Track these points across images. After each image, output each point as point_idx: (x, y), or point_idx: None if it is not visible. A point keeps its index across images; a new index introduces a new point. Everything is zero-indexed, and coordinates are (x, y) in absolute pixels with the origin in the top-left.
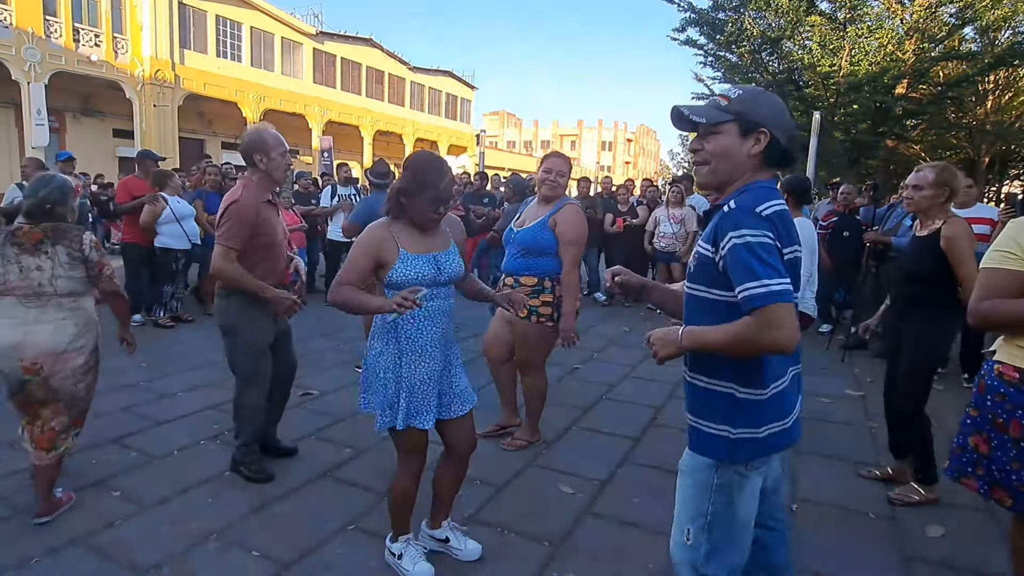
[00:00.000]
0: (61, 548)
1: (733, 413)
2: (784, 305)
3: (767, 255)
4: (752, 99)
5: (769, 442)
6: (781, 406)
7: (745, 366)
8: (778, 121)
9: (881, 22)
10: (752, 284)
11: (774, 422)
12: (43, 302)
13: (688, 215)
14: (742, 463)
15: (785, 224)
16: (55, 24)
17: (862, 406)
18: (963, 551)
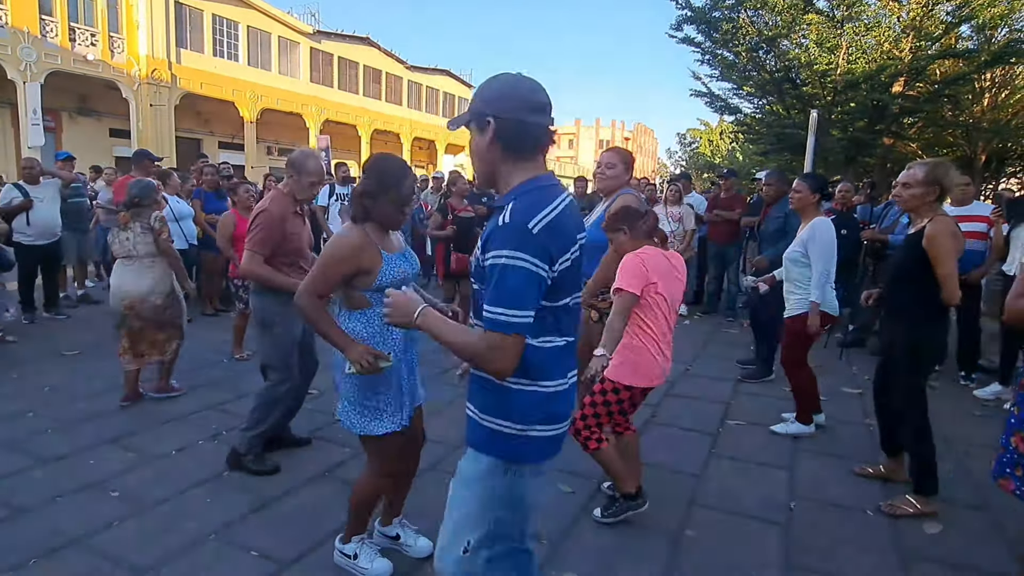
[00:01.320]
0: (60, 548)
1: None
2: (512, 337)
3: (523, 284)
4: (479, 91)
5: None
6: (556, 406)
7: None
8: (501, 102)
9: (878, 20)
10: (495, 308)
11: (548, 423)
12: (132, 262)
13: (686, 213)
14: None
15: (557, 233)
16: (51, 23)
17: (860, 404)
18: (961, 548)
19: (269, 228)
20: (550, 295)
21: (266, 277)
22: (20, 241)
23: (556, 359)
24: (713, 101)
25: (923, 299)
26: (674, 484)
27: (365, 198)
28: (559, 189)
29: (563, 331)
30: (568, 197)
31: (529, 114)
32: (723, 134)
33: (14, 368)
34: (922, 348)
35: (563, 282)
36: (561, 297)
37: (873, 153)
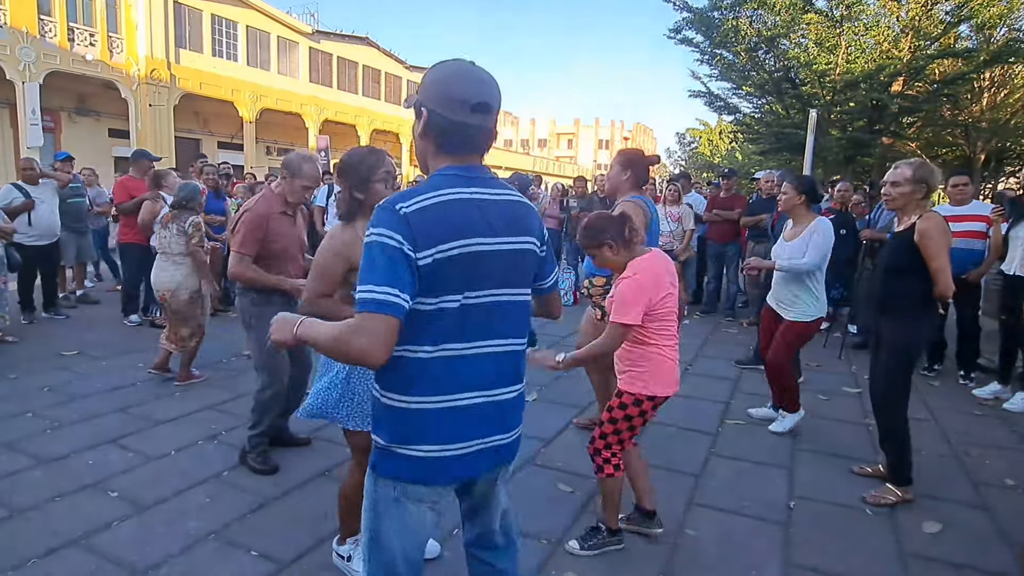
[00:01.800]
0: (59, 549)
1: (380, 418)
2: (379, 316)
3: (386, 259)
4: (426, 75)
5: (406, 464)
6: (432, 425)
7: (392, 367)
8: (438, 96)
9: (877, 20)
10: (362, 287)
11: (418, 443)
12: (167, 258)
13: (685, 213)
14: (389, 479)
15: (432, 222)
16: (50, 23)
17: (859, 403)
18: (961, 548)
19: (252, 228)
20: (427, 292)
21: (251, 278)
22: (20, 242)
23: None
24: (712, 101)
25: (914, 294)
26: (674, 484)
27: (356, 191)
28: (464, 180)
29: (443, 339)
30: (471, 193)
31: (465, 114)
32: (722, 134)
33: (13, 368)
34: (911, 343)
35: (448, 277)
36: (443, 294)
37: (872, 153)
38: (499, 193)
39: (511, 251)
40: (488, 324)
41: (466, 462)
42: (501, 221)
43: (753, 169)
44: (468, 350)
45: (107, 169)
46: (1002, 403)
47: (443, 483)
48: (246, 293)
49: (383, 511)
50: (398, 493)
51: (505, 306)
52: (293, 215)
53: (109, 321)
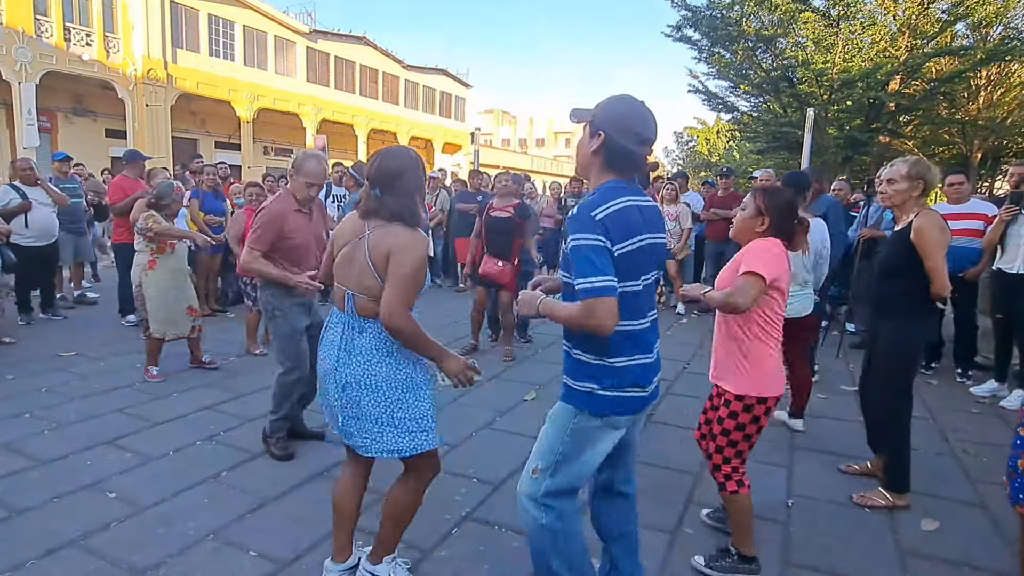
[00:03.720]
0: (58, 550)
1: (593, 374)
2: (601, 299)
3: (595, 256)
4: (603, 105)
5: (622, 402)
6: (635, 377)
7: (596, 342)
8: (617, 126)
9: (874, 19)
10: (581, 280)
11: (628, 387)
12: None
13: (683, 212)
14: (598, 415)
15: (619, 223)
16: (46, 23)
17: (858, 402)
18: (959, 546)
19: (267, 225)
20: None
21: (258, 270)
22: (18, 243)
23: (626, 339)
24: (710, 99)
25: (912, 294)
26: (673, 482)
27: (419, 194)
28: (629, 191)
29: (635, 314)
30: (634, 200)
31: (635, 145)
32: (720, 133)
33: (11, 369)
34: (908, 343)
35: (629, 266)
36: (628, 280)
37: (869, 151)
38: (646, 200)
39: (658, 243)
40: (650, 300)
41: (647, 399)
42: (651, 220)
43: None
44: (645, 323)
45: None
46: (999, 401)
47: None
48: (267, 287)
49: (583, 438)
50: (601, 423)
51: (653, 284)
52: (309, 212)
53: (107, 321)
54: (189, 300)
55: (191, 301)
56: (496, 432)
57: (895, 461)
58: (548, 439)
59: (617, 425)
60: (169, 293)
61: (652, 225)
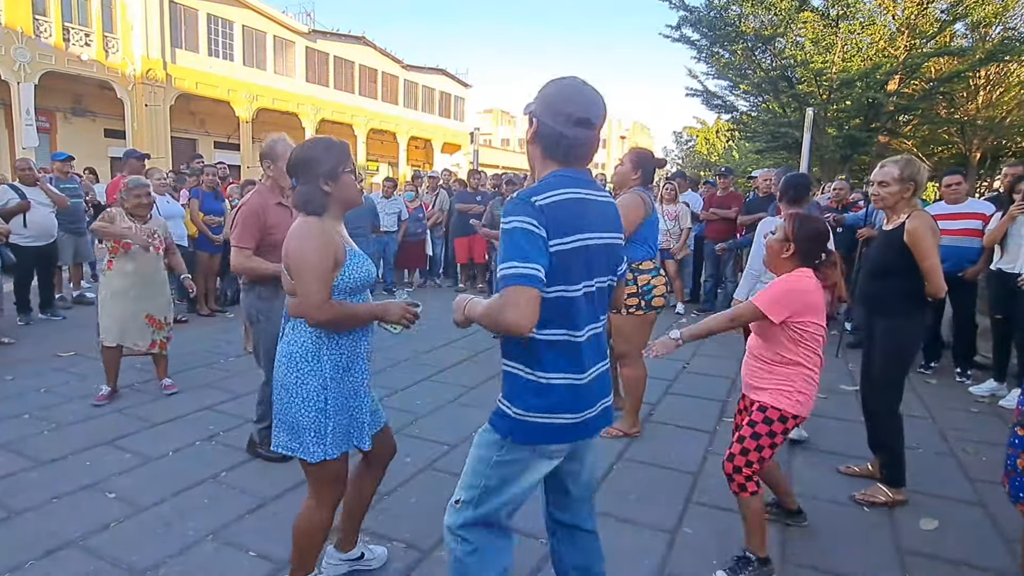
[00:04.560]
0: (57, 550)
1: (520, 392)
2: (520, 288)
3: (525, 240)
4: (542, 88)
5: (550, 430)
6: (563, 399)
7: (523, 349)
8: (548, 109)
9: (873, 18)
10: (503, 264)
11: (556, 412)
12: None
13: (682, 211)
14: (525, 444)
15: (560, 216)
16: (45, 23)
17: (856, 401)
18: (957, 544)
19: (248, 221)
20: (548, 280)
21: (251, 267)
22: (17, 243)
23: (555, 350)
24: (709, 99)
25: (904, 293)
26: (672, 482)
27: (326, 181)
28: (575, 182)
29: (568, 324)
30: (581, 193)
31: (569, 127)
32: (719, 132)
33: (10, 370)
34: (903, 342)
35: (564, 267)
36: (562, 284)
37: (868, 151)
38: (599, 195)
39: (610, 245)
40: (591, 312)
41: (583, 427)
42: (602, 218)
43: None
44: (581, 337)
45: (103, 170)
46: (998, 400)
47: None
48: (252, 289)
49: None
50: (530, 453)
51: (603, 292)
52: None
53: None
54: (150, 309)
55: (154, 310)
56: None
57: (892, 456)
58: (471, 468)
59: (549, 455)
60: (122, 297)
61: (601, 224)
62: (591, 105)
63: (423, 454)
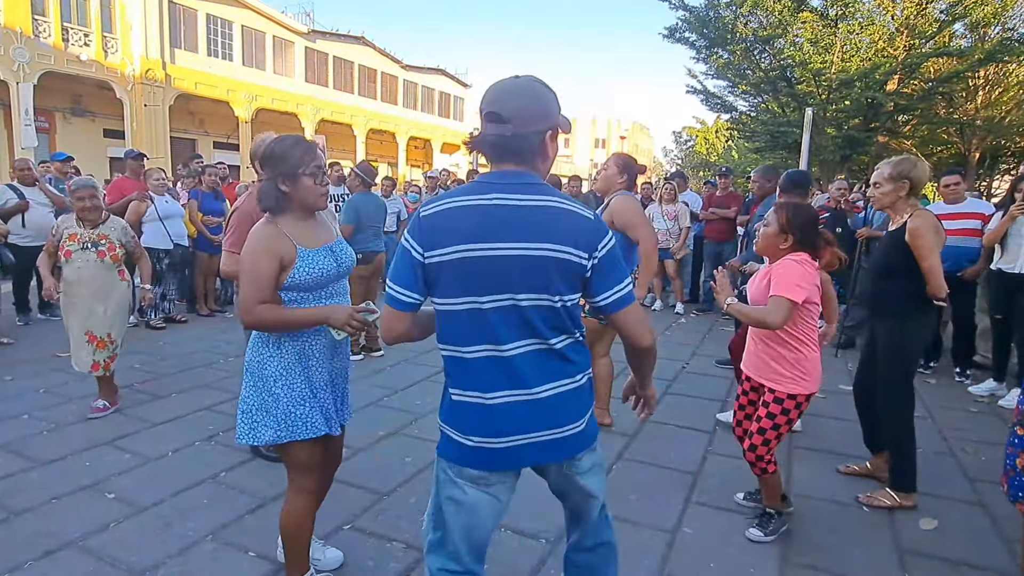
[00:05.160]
0: (56, 551)
1: (442, 403)
2: (385, 307)
3: (399, 259)
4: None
5: (460, 450)
6: (469, 418)
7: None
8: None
9: (872, 19)
10: (388, 283)
11: (464, 431)
12: None
13: (681, 211)
14: (445, 459)
15: (435, 227)
16: (43, 23)
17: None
18: (957, 544)
19: (242, 228)
20: (434, 291)
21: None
22: (16, 243)
23: (454, 365)
24: (708, 99)
25: (907, 294)
26: (671, 482)
27: (283, 181)
28: (476, 188)
29: (457, 339)
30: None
31: (483, 122)
32: (719, 132)
33: (9, 370)
34: (906, 344)
35: (441, 281)
36: (446, 296)
37: (868, 151)
38: (523, 199)
39: (529, 257)
40: (484, 328)
41: (473, 452)
42: (510, 227)
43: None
44: (476, 353)
45: (102, 170)
46: (997, 400)
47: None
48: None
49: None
50: (454, 475)
51: (524, 311)
52: None
53: None
54: (90, 324)
55: (94, 326)
56: None
57: (900, 461)
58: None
59: (473, 479)
60: (65, 311)
61: (503, 234)
62: (498, 96)
63: (423, 454)
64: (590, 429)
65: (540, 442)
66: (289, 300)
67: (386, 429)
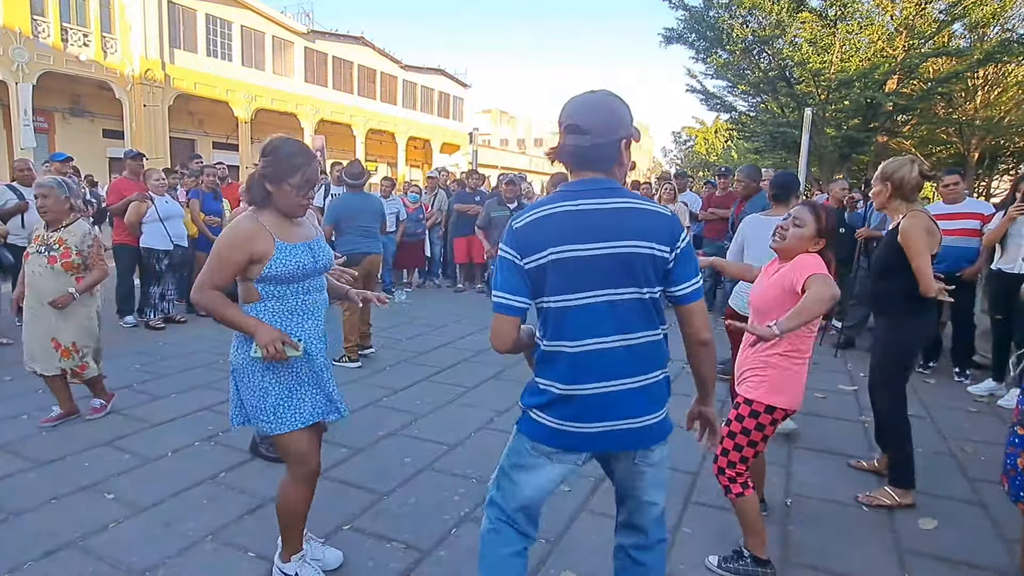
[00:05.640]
0: (56, 551)
1: (526, 389)
2: (496, 316)
3: (502, 268)
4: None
5: (547, 430)
6: (565, 408)
7: (537, 355)
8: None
9: (871, 19)
10: (494, 292)
11: (559, 418)
12: None
13: (680, 211)
14: (525, 435)
15: (530, 234)
16: (43, 24)
17: (855, 401)
18: (956, 543)
19: None
20: (542, 293)
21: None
22: (15, 243)
23: (549, 361)
24: (708, 99)
25: (904, 293)
26: (671, 482)
27: (267, 182)
28: (557, 197)
29: (569, 335)
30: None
31: (563, 134)
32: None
33: (8, 370)
34: (903, 342)
35: (544, 282)
36: (545, 296)
37: (867, 151)
38: (607, 203)
39: (621, 255)
40: (599, 321)
41: (586, 440)
42: (597, 229)
43: None
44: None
45: (102, 170)
46: (997, 400)
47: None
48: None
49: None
50: (530, 448)
51: (617, 305)
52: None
53: (104, 323)
54: (55, 332)
55: (58, 334)
56: (494, 432)
57: (898, 458)
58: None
59: (551, 457)
60: (27, 313)
61: (595, 235)
62: (577, 109)
63: (423, 454)
64: (665, 424)
65: (621, 430)
66: (267, 294)
67: (386, 429)
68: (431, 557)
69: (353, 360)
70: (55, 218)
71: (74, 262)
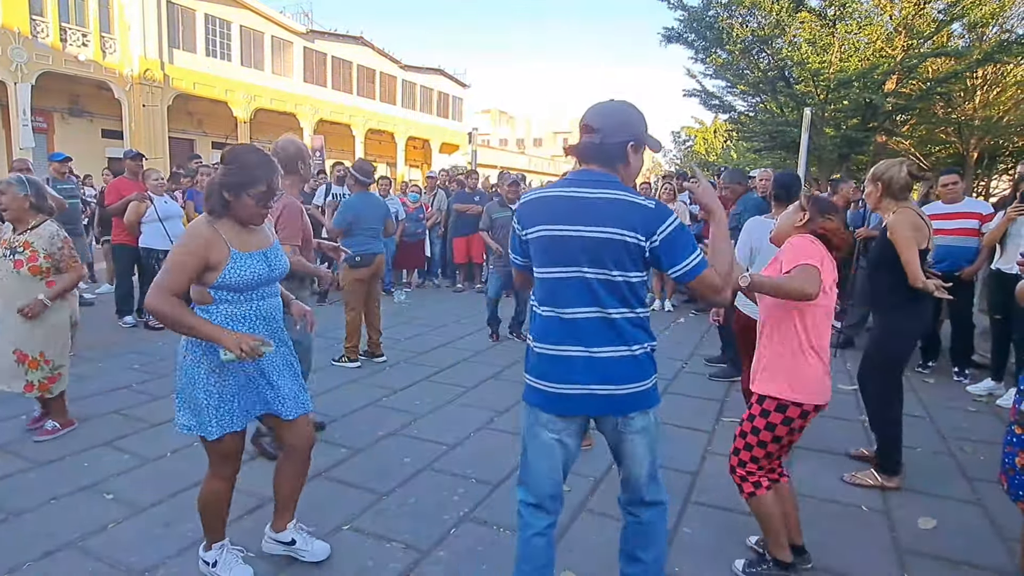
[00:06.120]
0: (55, 551)
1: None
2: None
3: (512, 234)
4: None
5: (530, 389)
6: (541, 365)
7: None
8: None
9: (870, 19)
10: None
11: (536, 375)
12: None
13: (680, 211)
14: (523, 401)
15: (527, 211)
16: (42, 24)
17: (855, 400)
18: (956, 543)
19: (292, 220)
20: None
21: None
22: None
23: (534, 320)
24: (707, 99)
25: (895, 288)
26: (671, 482)
27: (226, 191)
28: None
29: (546, 300)
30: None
31: (581, 133)
32: (717, 132)
33: None
34: (894, 333)
35: (532, 253)
36: (534, 265)
37: (866, 151)
38: (592, 192)
39: (591, 238)
40: (565, 294)
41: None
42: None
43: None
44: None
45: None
46: (996, 399)
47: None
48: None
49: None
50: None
51: (591, 282)
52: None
53: (104, 323)
54: (18, 342)
55: (22, 343)
56: (494, 432)
57: (885, 444)
58: None
59: (545, 423)
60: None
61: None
62: (591, 111)
63: (422, 454)
64: (647, 396)
65: (596, 395)
66: (220, 299)
67: (385, 429)
68: (430, 557)
69: (353, 360)
70: (16, 217)
71: (41, 266)
